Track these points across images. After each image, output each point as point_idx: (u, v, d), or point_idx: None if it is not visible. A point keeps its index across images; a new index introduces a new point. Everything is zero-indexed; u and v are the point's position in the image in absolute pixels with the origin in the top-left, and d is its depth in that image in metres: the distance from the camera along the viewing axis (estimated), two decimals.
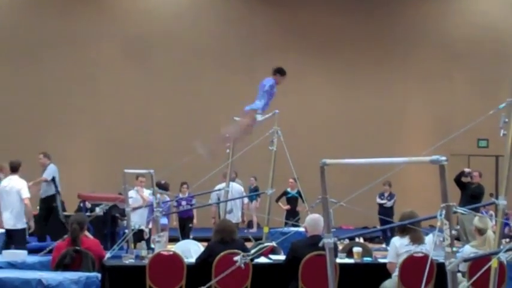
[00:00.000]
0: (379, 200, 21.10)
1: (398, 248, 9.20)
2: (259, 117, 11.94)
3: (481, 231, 9.22)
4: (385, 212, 19.80)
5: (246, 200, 19.00)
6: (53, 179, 16.57)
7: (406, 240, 9.21)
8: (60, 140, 23.66)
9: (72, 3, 25.28)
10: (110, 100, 25.04)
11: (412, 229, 9.16)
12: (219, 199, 15.81)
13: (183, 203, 17.83)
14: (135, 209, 14.64)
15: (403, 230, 9.30)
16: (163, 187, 16.82)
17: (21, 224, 13.60)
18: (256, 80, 12.01)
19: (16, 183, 13.61)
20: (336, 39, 26.45)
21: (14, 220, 13.53)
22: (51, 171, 16.57)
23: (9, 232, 13.66)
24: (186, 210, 17.90)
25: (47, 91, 24.57)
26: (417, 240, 9.19)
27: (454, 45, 27.19)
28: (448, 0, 27.81)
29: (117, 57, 25.47)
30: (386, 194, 21.13)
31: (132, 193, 15.58)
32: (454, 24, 27.50)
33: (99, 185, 20.78)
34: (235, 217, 16.47)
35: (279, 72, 12.53)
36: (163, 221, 15.39)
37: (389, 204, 21.00)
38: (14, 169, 14.03)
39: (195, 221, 18.94)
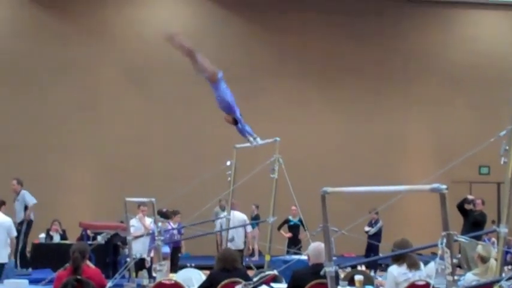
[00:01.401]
0: (366, 228, 20.64)
1: (397, 276, 9.14)
2: (258, 140, 11.95)
3: (484, 260, 9.18)
4: (371, 239, 19.66)
5: (249, 228, 18.97)
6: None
7: (403, 268, 9.16)
8: (60, 167, 23.69)
9: (73, 30, 25.40)
10: (111, 127, 25.07)
11: (407, 256, 9.12)
12: (221, 227, 15.80)
13: (175, 232, 17.58)
14: (136, 237, 14.63)
15: (398, 259, 9.24)
16: (165, 215, 16.78)
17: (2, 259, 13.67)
18: (257, 107, 12.05)
19: (3, 220, 13.66)
20: (337, 65, 26.52)
21: None
22: (29, 196, 16.77)
23: None
24: (176, 241, 17.61)
25: (48, 117, 24.62)
26: (414, 266, 9.14)
27: (454, 72, 27.26)
28: (448, 26, 27.88)
29: (117, 83, 25.53)
30: (373, 222, 20.74)
31: (133, 221, 15.59)
32: (454, 51, 27.58)
33: (100, 213, 20.80)
34: (236, 245, 16.44)
35: None
36: (165, 249, 15.36)
37: (372, 231, 20.57)
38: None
39: (183, 250, 18.89)
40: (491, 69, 27.34)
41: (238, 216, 16.59)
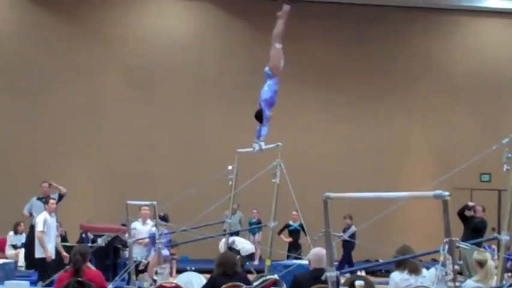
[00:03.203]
0: (338, 234, 20.16)
1: (399, 282, 9.15)
2: (262, 145, 11.95)
3: (481, 263, 9.20)
4: (345, 245, 19.58)
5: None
6: None
7: (405, 274, 9.17)
8: (62, 170, 23.67)
9: (75, 33, 25.39)
10: (113, 130, 25.08)
11: (408, 261, 9.13)
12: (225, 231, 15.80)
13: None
14: (137, 240, 14.68)
15: (400, 264, 9.26)
16: (163, 219, 16.79)
17: None
18: None
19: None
20: (337, 71, 26.51)
21: None
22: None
23: None
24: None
25: (50, 121, 24.64)
26: (415, 271, 9.15)
27: (456, 79, 27.26)
28: (450, 34, 27.88)
29: (120, 87, 25.54)
30: (346, 227, 20.38)
31: (135, 224, 15.61)
32: (456, 58, 27.59)
33: (101, 216, 20.80)
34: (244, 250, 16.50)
35: None
36: (165, 252, 15.37)
37: (344, 236, 20.13)
38: None
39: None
40: (494, 77, 27.35)
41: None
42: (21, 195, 19.17)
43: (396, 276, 9.17)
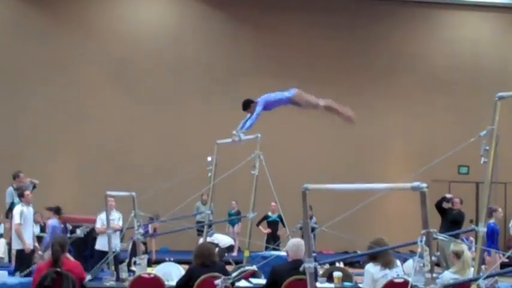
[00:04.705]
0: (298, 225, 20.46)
1: (374, 273, 9.16)
2: (242, 136, 11.93)
3: (458, 255, 9.26)
4: None
5: None
6: None
7: (378, 266, 9.19)
8: (42, 161, 23.64)
9: (57, 26, 25.31)
10: (93, 121, 25.02)
11: (382, 254, 9.14)
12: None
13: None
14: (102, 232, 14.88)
15: (374, 257, 9.26)
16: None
17: None
18: (238, 104, 11.99)
19: None
20: (318, 64, 26.53)
21: None
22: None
23: None
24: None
25: (30, 111, 24.55)
26: (389, 264, 9.16)
27: (435, 73, 27.37)
28: (430, 28, 27.96)
29: (101, 79, 25.46)
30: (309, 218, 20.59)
31: (101, 215, 15.72)
32: (436, 52, 27.68)
33: (80, 206, 20.75)
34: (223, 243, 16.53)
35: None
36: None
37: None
38: None
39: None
40: (472, 70, 27.50)
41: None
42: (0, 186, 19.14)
43: (371, 268, 9.18)
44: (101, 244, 15.49)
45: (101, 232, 15.60)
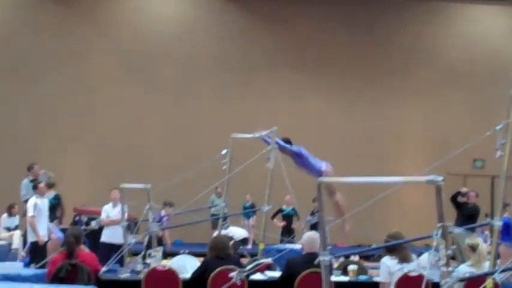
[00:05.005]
0: (308, 218, 19.95)
1: (391, 266, 9.18)
2: (262, 133, 11.93)
3: (474, 248, 9.24)
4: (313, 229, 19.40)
5: None
6: None
7: (395, 260, 9.19)
8: (56, 153, 23.69)
9: (68, 18, 25.35)
10: (107, 114, 25.05)
11: (399, 249, 9.14)
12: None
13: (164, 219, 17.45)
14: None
15: (391, 250, 9.26)
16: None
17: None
18: (252, 97, 12.00)
19: None
20: (333, 58, 26.46)
21: None
22: None
23: None
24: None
25: (43, 105, 24.59)
26: (405, 259, 9.17)
27: (451, 66, 27.24)
28: (446, 21, 27.84)
29: (114, 72, 25.48)
30: (315, 211, 19.77)
31: (105, 208, 15.73)
32: (451, 45, 27.55)
33: (94, 199, 20.79)
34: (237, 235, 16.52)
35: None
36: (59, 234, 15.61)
37: (313, 220, 19.47)
38: None
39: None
40: (488, 64, 27.35)
41: None
42: (13, 178, 19.16)
43: (387, 261, 9.19)
44: (106, 236, 15.48)
45: (106, 224, 15.57)
